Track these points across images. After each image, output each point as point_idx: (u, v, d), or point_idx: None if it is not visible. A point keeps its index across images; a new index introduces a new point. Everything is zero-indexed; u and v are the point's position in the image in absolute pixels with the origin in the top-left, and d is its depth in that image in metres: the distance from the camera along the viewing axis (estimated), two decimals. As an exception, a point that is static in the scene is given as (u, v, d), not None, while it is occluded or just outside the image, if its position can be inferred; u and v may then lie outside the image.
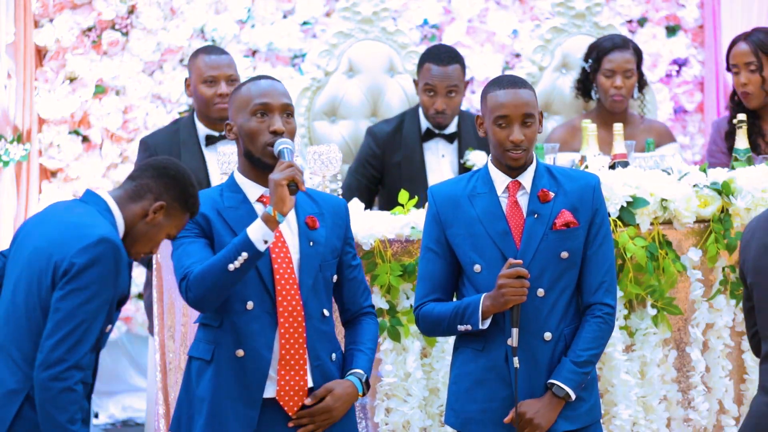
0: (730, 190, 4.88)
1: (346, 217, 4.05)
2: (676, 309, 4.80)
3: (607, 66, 6.12)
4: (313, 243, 3.91)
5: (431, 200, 4.11)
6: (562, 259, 3.99)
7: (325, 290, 3.95)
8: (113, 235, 3.54)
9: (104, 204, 3.63)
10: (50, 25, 6.54)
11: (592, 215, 4.03)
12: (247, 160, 3.92)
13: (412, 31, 6.89)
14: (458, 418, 4.08)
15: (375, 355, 4.04)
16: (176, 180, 3.68)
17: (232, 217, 3.89)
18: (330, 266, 3.96)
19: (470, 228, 4.03)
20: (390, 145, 6.00)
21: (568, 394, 3.96)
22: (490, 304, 3.94)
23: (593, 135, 5.25)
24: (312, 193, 4.02)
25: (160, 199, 3.66)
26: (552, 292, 3.99)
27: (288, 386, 3.85)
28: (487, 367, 4.02)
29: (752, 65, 5.88)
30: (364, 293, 4.07)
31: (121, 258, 3.53)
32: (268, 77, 3.98)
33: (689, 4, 7.17)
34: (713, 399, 4.90)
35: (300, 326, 3.86)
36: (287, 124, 3.90)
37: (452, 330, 4.03)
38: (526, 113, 3.97)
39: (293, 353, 3.85)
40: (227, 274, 3.75)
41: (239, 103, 3.92)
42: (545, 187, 4.02)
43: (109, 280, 3.51)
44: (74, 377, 3.46)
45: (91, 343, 3.49)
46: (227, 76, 5.53)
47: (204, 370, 3.89)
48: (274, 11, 6.82)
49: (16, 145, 6.41)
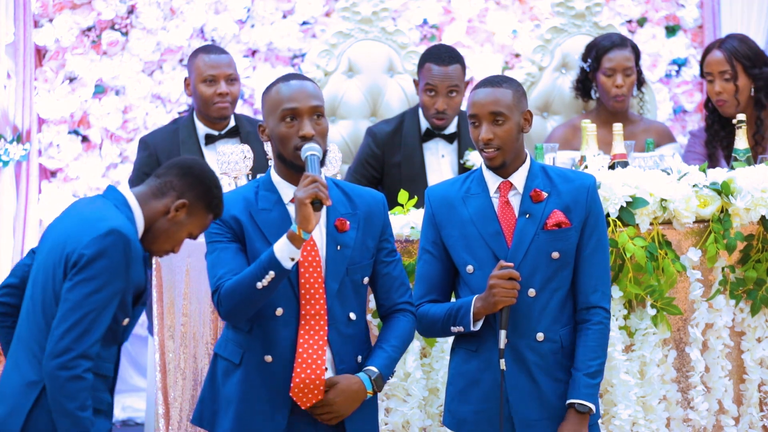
0: (729, 190, 4.88)
1: (382, 213, 4.01)
2: (676, 309, 4.80)
3: (607, 65, 6.11)
4: (341, 247, 3.89)
5: (427, 202, 4.12)
6: (554, 260, 3.99)
7: (354, 293, 3.93)
8: (125, 227, 3.55)
9: (122, 199, 3.65)
10: (50, 25, 6.55)
11: (586, 216, 4.02)
12: (280, 162, 3.91)
13: (412, 31, 6.89)
14: (453, 418, 4.09)
15: (401, 352, 3.98)
16: (201, 180, 3.68)
17: (264, 220, 3.87)
18: (361, 269, 3.93)
19: (463, 229, 4.03)
20: (390, 145, 5.99)
21: (591, 408, 3.97)
22: (481, 305, 3.95)
23: (593, 135, 5.25)
24: (348, 190, 3.99)
25: (182, 197, 3.67)
26: (543, 293, 4.00)
27: (302, 383, 3.83)
28: (480, 368, 4.02)
29: (726, 74, 5.89)
30: (400, 289, 4.01)
31: (132, 250, 3.55)
32: (298, 76, 3.94)
33: (689, 4, 7.17)
34: (713, 399, 4.90)
35: (321, 329, 3.85)
36: (317, 125, 3.86)
37: (446, 331, 4.04)
38: (493, 112, 3.95)
39: (311, 353, 3.84)
40: (256, 291, 3.75)
41: (269, 106, 3.90)
42: (538, 187, 4.02)
43: (119, 271, 3.53)
44: (81, 366, 3.49)
45: (99, 333, 3.51)
46: (227, 75, 5.54)
47: (231, 372, 3.89)
48: (274, 11, 6.82)
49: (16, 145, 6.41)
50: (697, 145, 6.02)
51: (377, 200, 4.01)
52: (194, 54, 5.62)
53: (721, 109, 5.90)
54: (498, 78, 4.03)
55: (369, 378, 3.88)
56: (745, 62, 5.90)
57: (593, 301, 4.02)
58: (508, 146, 3.98)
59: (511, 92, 3.98)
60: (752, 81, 5.92)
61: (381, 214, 4.00)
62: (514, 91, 3.99)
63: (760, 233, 4.93)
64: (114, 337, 3.62)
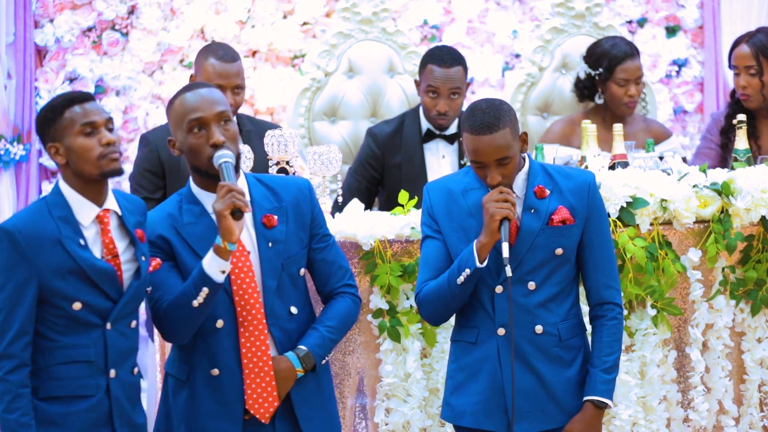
0: (729, 190, 4.88)
1: (309, 200, 3.97)
2: (676, 309, 4.80)
3: (621, 75, 6.09)
4: (272, 243, 3.86)
5: (426, 195, 4.11)
6: (557, 255, 4.00)
7: (293, 287, 3.91)
8: (12, 222, 3.56)
9: (55, 187, 3.66)
10: (50, 25, 6.55)
11: (588, 213, 4.04)
12: (196, 173, 3.86)
13: (412, 32, 6.89)
14: (452, 411, 4.09)
15: (338, 332, 3.95)
16: (47, 119, 3.65)
17: (191, 234, 3.84)
18: (295, 260, 3.91)
19: (462, 221, 4.03)
20: (390, 146, 5.99)
21: (607, 404, 4.00)
22: (482, 235, 3.91)
23: (593, 135, 5.25)
24: (272, 183, 3.95)
25: (56, 144, 3.64)
26: (544, 287, 4.00)
27: (256, 394, 3.82)
28: (479, 360, 4.03)
29: (752, 69, 5.88)
30: (338, 273, 4.00)
31: (20, 241, 3.53)
32: (201, 85, 3.87)
33: (689, 5, 7.17)
34: (713, 399, 4.90)
35: (262, 333, 3.83)
36: (226, 131, 3.80)
37: (452, 289, 3.96)
38: (498, 159, 3.90)
39: (256, 361, 3.82)
40: (194, 310, 3.73)
41: (175, 119, 3.84)
42: (541, 184, 4.03)
43: (14, 264, 3.53)
44: (2, 368, 3.51)
45: (14, 331, 3.52)
46: (234, 86, 5.45)
47: (180, 390, 3.88)
48: (274, 11, 6.82)
49: (16, 145, 6.42)
50: (714, 131, 6.01)
51: (302, 188, 3.97)
52: (205, 53, 5.47)
53: (745, 103, 5.90)
54: (491, 118, 3.91)
55: (297, 356, 3.86)
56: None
57: (606, 297, 4.05)
58: (514, 176, 3.99)
59: (509, 129, 3.91)
60: None
61: (308, 200, 3.96)
62: (510, 125, 3.93)
63: (761, 234, 4.94)
64: (77, 323, 3.60)
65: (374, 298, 4.69)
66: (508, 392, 3.99)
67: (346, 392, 4.75)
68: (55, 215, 3.61)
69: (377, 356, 4.74)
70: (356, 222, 4.73)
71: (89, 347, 3.63)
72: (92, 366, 3.63)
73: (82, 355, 3.61)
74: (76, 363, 3.60)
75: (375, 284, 4.67)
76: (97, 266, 3.62)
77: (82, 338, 3.62)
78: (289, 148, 4.86)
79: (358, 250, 4.71)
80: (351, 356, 4.75)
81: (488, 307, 4.00)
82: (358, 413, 4.75)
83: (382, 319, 4.69)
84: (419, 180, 5.85)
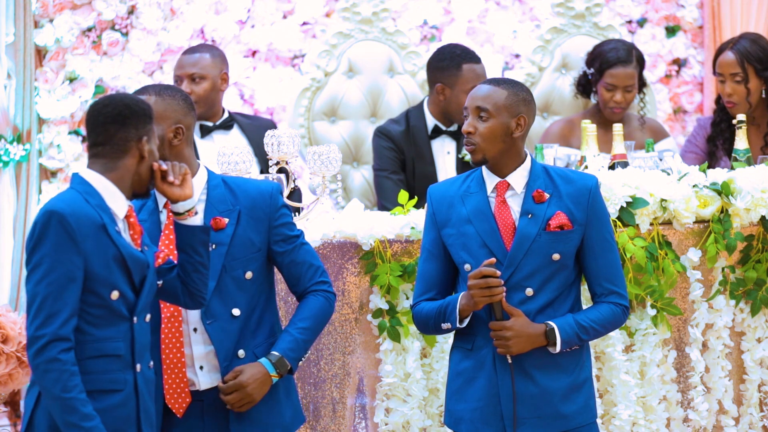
0: (729, 190, 4.88)
1: (269, 203, 3.97)
2: (676, 309, 4.80)
3: (608, 80, 6.06)
4: (216, 245, 3.88)
5: (429, 201, 4.13)
6: (554, 261, 4.00)
7: (237, 289, 3.92)
8: (59, 204, 3.54)
9: (79, 178, 3.64)
10: (50, 25, 6.54)
11: (588, 218, 4.03)
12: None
13: (412, 32, 6.89)
14: (451, 417, 4.10)
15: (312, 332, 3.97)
16: (132, 114, 3.66)
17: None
18: (241, 263, 3.92)
19: (461, 227, 4.04)
20: (404, 142, 6.00)
21: (555, 341, 3.96)
22: (465, 303, 3.96)
23: (593, 135, 5.25)
24: (235, 186, 3.98)
25: (140, 138, 3.65)
26: (542, 293, 4.01)
27: (171, 389, 3.89)
28: (475, 367, 4.04)
29: (738, 76, 5.83)
30: (308, 272, 4.01)
31: (72, 224, 3.52)
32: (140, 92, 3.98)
33: (689, 5, 7.17)
34: (713, 399, 4.91)
35: (177, 330, 3.88)
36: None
37: (438, 328, 4.05)
38: (479, 107, 3.99)
39: (171, 357, 3.88)
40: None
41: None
42: (540, 188, 4.02)
43: (64, 249, 3.52)
44: (56, 348, 3.50)
45: (66, 313, 3.51)
46: (189, 75, 5.68)
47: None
48: (274, 11, 6.82)
49: (16, 145, 6.41)
50: (699, 138, 5.99)
51: (263, 191, 3.98)
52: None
53: (731, 110, 5.86)
54: (503, 79, 4.05)
55: (270, 362, 3.89)
56: (756, 65, 5.83)
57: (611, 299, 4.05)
58: (486, 144, 3.99)
59: (507, 93, 3.98)
60: (764, 83, 5.86)
61: (267, 204, 3.97)
62: (512, 94, 3.99)
63: (760, 233, 4.94)
64: (112, 314, 3.61)
65: (374, 298, 4.70)
66: (504, 399, 3.98)
67: (346, 392, 4.75)
68: (93, 203, 3.61)
69: (377, 356, 4.74)
70: (356, 222, 4.74)
71: (119, 340, 3.63)
72: (121, 360, 3.64)
73: (113, 349, 3.62)
74: (107, 357, 3.61)
75: (375, 284, 4.68)
76: (135, 255, 3.64)
77: (113, 331, 3.62)
78: (289, 148, 4.86)
79: (358, 250, 4.71)
80: (351, 356, 4.75)
81: (485, 315, 4.01)
82: (357, 413, 4.76)
83: (381, 319, 4.69)
84: (431, 175, 5.88)
